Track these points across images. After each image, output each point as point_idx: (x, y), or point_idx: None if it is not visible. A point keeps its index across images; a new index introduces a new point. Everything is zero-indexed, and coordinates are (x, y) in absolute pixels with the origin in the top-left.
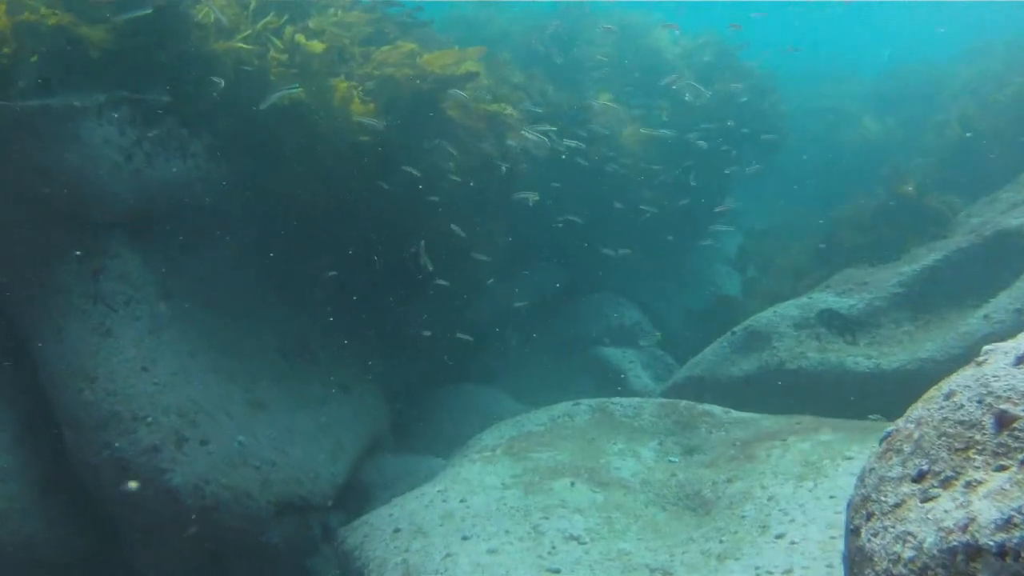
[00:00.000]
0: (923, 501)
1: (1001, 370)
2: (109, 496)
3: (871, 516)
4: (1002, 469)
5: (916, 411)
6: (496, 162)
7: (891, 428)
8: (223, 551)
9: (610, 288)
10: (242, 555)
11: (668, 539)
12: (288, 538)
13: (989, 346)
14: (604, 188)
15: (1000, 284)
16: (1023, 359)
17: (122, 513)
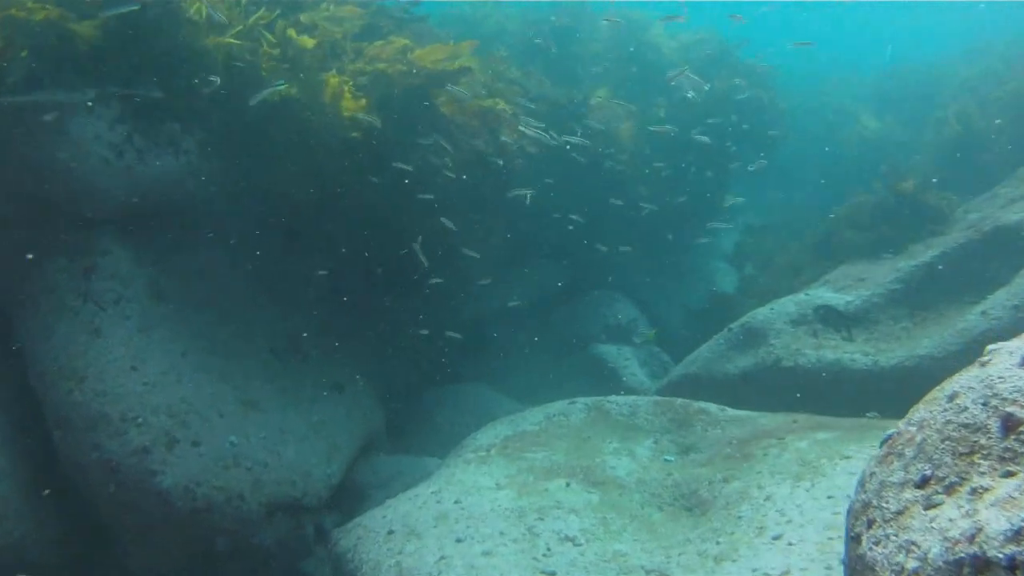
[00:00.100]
0: (927, 508)
1: (1006, 371)
2: (99, 498)
3: (872, 523)
4: (1009, 475)
5: (918, 413)
6: (489, 158)
7: (892, 431)
8: (215, 553)
9: (608, 286)
10: (234, 557)
11: (664, 540)
12: (281, 540)
13: (993, 345)
14: (601, 185)
15: (998, 280)
16: None
17: (113, 515)
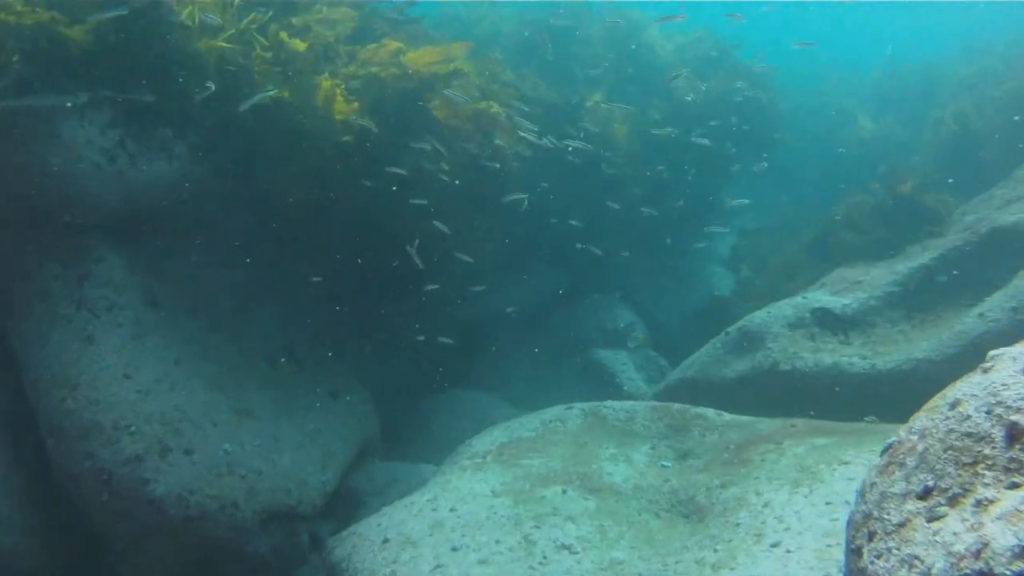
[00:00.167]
0: (930, 520)
1: (1010, 378)
2: (92, 506)
3: (873, 535)
4: (1015, 487)
5: (919, 421)
6: (483, 162)
7: (893, 439)
8: (209, 561)
9: (605, 290)
10: (228, 565)
11: (661, 547)
12: (275, 548)
13: (995, 351)
14: (598, 188)
15: (995, 282)
16: None
17: (106, 523)
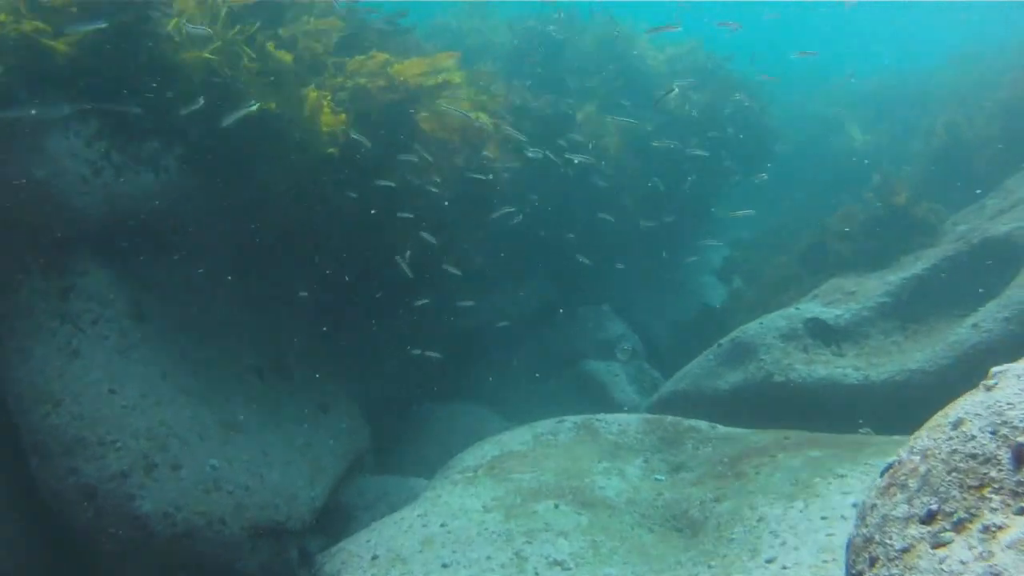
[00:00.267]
0: (934, 547)
1: (1015, 396)
2: (76, 523)
3: (875, 561)
4: None
5: (921, 441)
6: (470, 174)
7: (893, 459)
8: None
9: (597, 302)
10: None
11: (655, 563)
12: (264, 565)
13: (998, 368)
14: (589, 199)
15: (988, 292)
16: None
17: (90, 541)
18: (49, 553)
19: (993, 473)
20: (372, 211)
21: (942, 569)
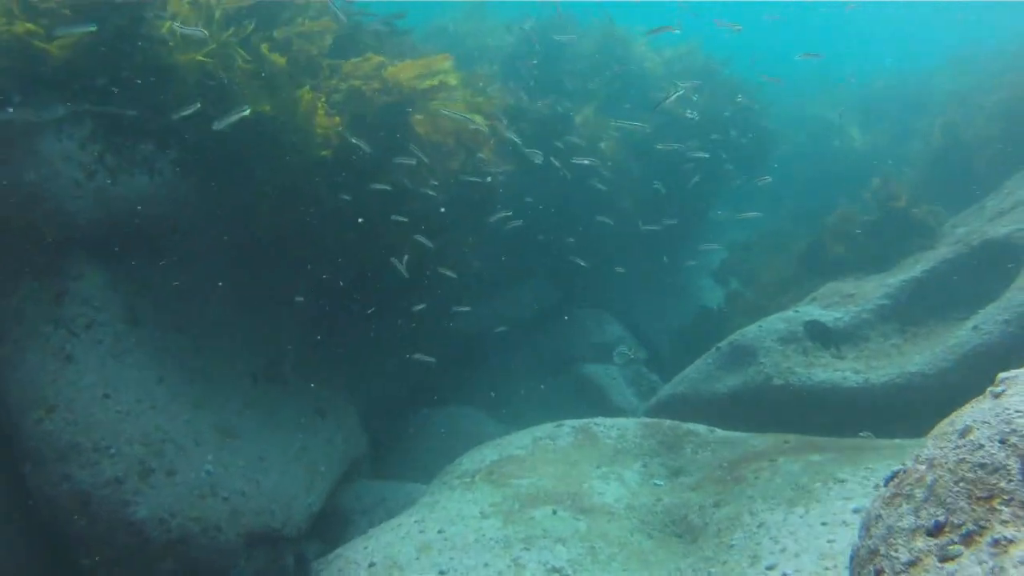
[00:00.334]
0: (942, 560)
1: None
2: (71, 531)
3: (880, 574)
4: None
5: (926, 450)
6: (465, 177)
7: (898, 467)
8: None
9: (596, 304)
10: None
11: (654, 569)
12: (260, 571)
13: (1005, 374)
14: (586, 202)
15: (988, 294)
16: None
17: (85, 548)
18: (47, 556)
19: (1003, 484)
20: (367, 214)
21: None
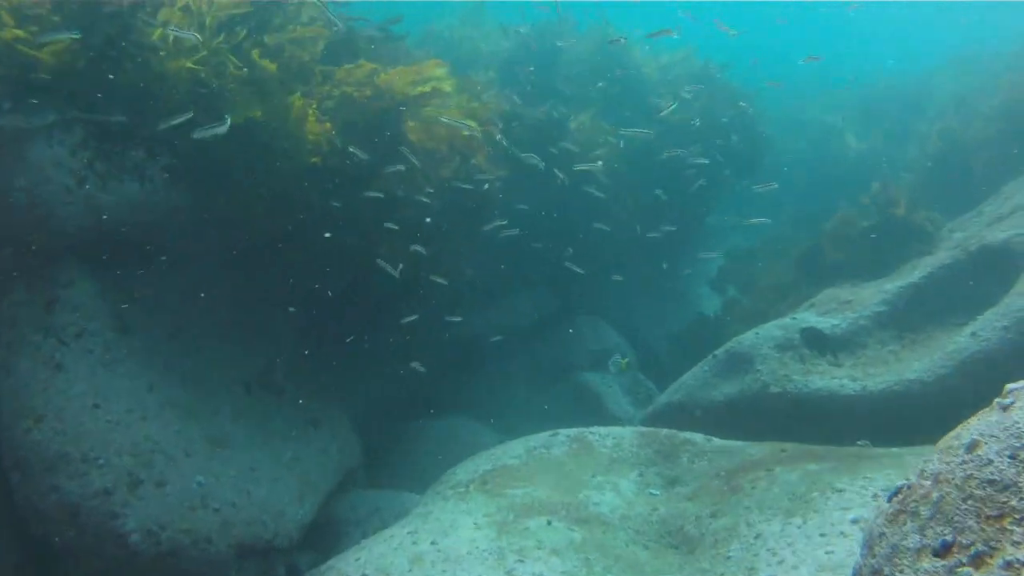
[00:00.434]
0: None
1: None
2: (58, 543)
3: None
4: None
5: (932, 464)
6: (458, 184)
7: (902, 482)
8: None
9: (592, 312)
10: None
11: None
12: None
13: (1013, 384)
14: (586, 210)
15: (987, 300)
16: None
17: (72, 560)
18: (36, 569)
19: (1014, 502)
20: (359, 222)
21: None
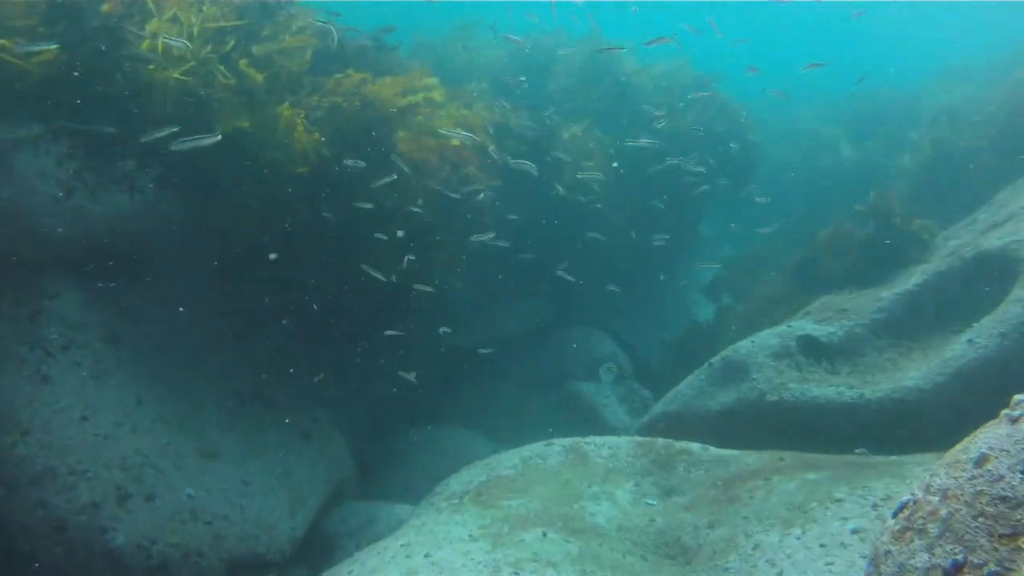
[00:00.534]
0: None
1: None
2: (45, 559)
3: None
4: None
5: (939, 479)
6: (448, 194)
7: (907, 497)
8: None
9: (587, 321)
10: None
11: None
12: None
13: (1022, 396)
14: (579, 220)
15: (983, 308)
16: None
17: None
18: None
19: None
20: (349, 232)
21: None
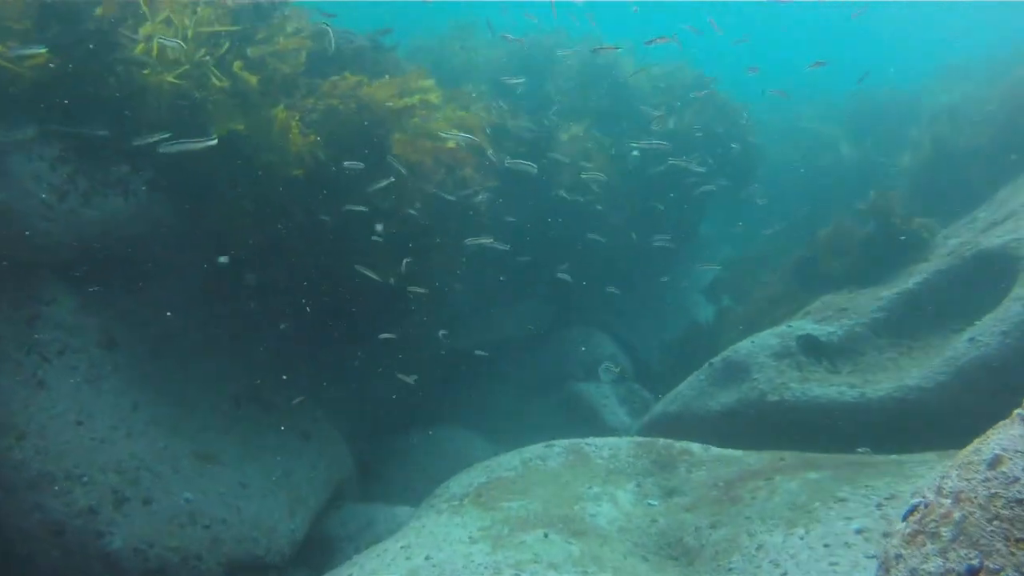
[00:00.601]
0: None
1: None
2: (42, 564)
3: None
4: None
5: (950, 481)
6: (444, 197)
7: (917, 500)
8: None
9: (587, 322)
10: None
11: None
12: None
13: None
14: (577, 219)
15: (984, 306)
16: None
17: None
18: None
19: None
20: (346, 234)
21: None
